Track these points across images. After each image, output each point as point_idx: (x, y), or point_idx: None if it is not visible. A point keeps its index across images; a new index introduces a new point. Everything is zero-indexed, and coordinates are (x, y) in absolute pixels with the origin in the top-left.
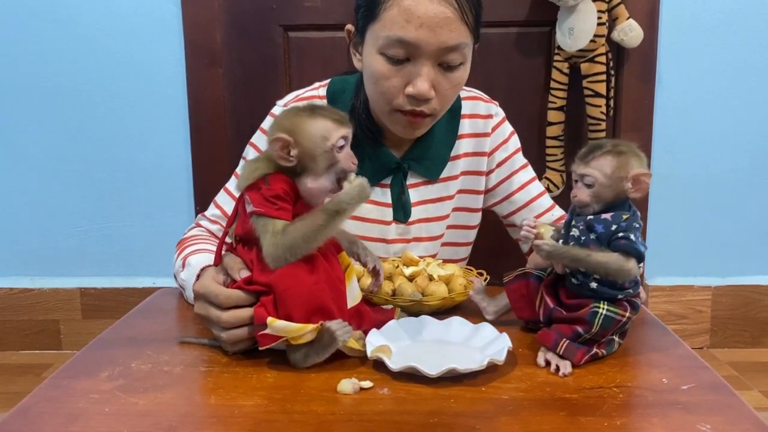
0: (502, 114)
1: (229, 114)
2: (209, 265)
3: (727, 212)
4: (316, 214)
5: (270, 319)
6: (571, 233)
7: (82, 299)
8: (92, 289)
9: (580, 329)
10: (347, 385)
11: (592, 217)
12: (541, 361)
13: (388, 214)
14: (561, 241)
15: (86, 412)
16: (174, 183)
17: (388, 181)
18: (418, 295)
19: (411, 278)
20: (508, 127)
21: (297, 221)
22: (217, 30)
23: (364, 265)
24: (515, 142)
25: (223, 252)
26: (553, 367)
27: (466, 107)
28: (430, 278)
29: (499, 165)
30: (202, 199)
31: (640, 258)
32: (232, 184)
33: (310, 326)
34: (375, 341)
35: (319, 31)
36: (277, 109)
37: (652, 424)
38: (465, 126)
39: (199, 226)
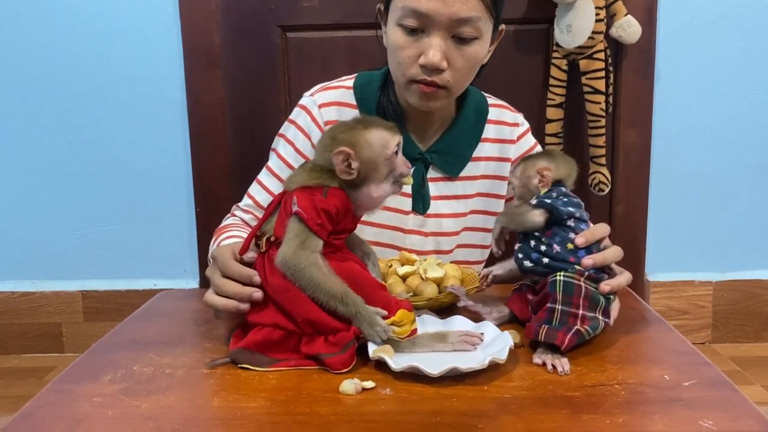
0: (527, 125)
1: (228, 115)
2: None
3: (727, 207)
4: (337, 288)
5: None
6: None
7: (83, 302)
8: (94, 292)
9: (549, 304)
10: (349, 385)
11: None
12: (538, 361)
13: (407, 203)
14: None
15: (89, 416)
16: (174, 185)
17: (409, 171)
18: (404, 295)
19: (404, 278)
20: (532, 138)
21: (325, 269)
22: (215, 31)
23: None
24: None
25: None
26: (549, 367)
27: (493, 113)
28: (422, 278)
29: None
30: (202, 201)
31: (551, 209)
32: (264, 176)
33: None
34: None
35: (317, 31)
36: (306, 100)
37: (654, 421)
38: (490, 130)
39: (234, 216)
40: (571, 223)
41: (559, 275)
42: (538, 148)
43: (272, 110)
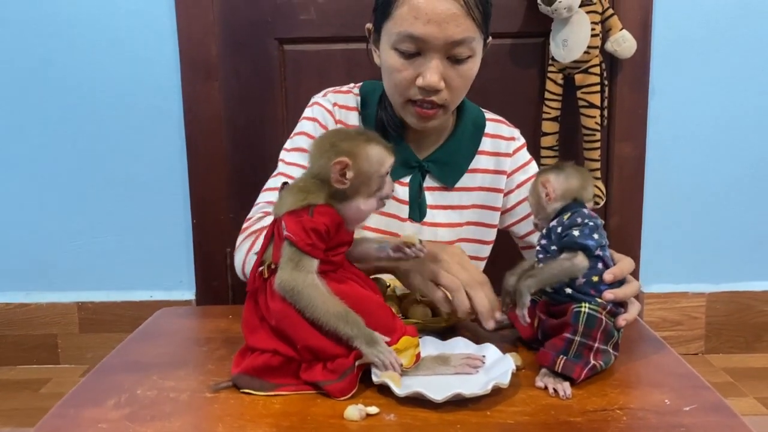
0: (523, 140)
1: (225, 127)
2: None
3: (721, 219)
4: (337, 308)
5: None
6: (538, 249)
7: (79, 313)
8: (89, 303)
9: (568, 334)
10: (353, 411)
11: (545, 232)
12: (540, 384)
13: (405, 211)
14: (539, 255)
15: None
16: (170, 197)
17: (407, 179)
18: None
19: (401, 299)
20: (527, 153)
21: (324, 289)
22: (213, 43)
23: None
24: (534, 167)
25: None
26: (551, 391)
27: (490, 127)
28: (417, 300)
29: (518, 186)
30: (199, 212)
31: (584, 249)
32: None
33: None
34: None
35: (314, 43)
36: (320, 99)
37: None
38: (486, 143)
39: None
40: (599, 252)
41: (585, 307)
42: (533, 164)
43: (269, 122)
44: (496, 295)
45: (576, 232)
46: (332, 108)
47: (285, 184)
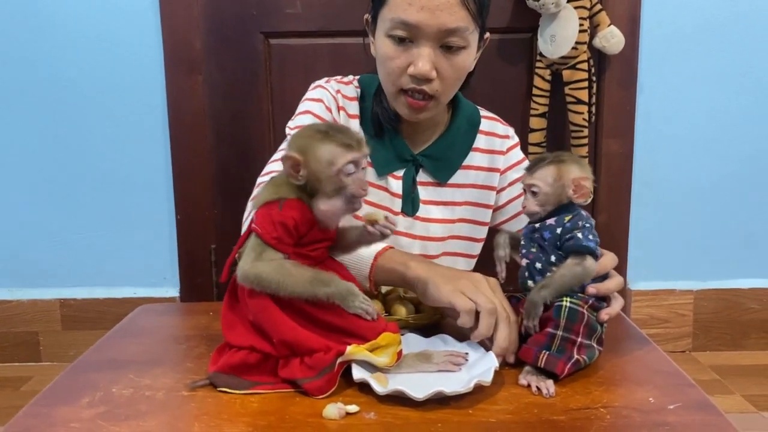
0: (517, 139)
1: (209, 122)
2: None
3: (708, 217)
4: (306, 274)
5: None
6: (522, 243)
7: (61, 310)
8: (72, 300)
9: (550, 329)
10: (333, 410)
11: (538, 225)
12: (523, 382)
13: (398, 204)
14: (523, 250)
15: None
16: (154, 192)
17: (400, 173)
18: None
19: (385, 295)
20: (521, 152)
21: (287, 264)
22: (197, 37)
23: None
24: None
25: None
26: (534, 389)
27: (485, 125)
28: (400, 297)
29: (511, 184)
30: (183, 208)
31: (590, 253)
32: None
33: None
34: (365, 366)
35: (300, 38)
36: (323, 84)
37: None
38: (481, 141)
39: None
40: None
41: (566, 301)
42: (527, 162)
43: (254, 117)
44: (518, 340)
45: (579, 235)
46: (335, 94)
47: (273, 178)
